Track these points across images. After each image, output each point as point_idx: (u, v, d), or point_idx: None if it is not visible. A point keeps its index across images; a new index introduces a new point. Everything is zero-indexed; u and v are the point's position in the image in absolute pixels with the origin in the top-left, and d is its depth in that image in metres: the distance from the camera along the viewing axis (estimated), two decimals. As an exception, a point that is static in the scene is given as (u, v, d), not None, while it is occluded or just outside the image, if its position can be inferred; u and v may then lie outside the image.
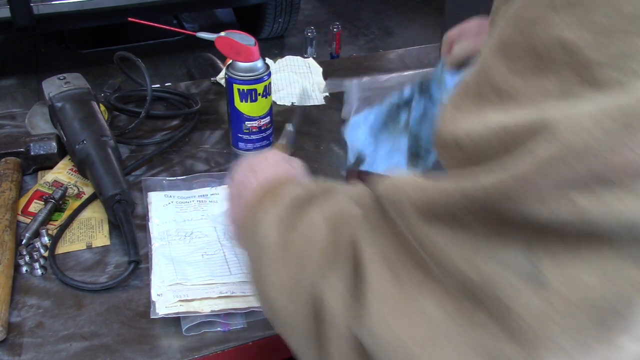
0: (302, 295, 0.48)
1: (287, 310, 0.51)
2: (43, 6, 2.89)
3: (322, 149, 1.16)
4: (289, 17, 3.84)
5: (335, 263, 0.47)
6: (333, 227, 0.50)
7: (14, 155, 1.04)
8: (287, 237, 0.52)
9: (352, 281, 0.45)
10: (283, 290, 0.51)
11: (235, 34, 1.06)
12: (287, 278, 0.51)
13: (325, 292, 0.46)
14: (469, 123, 0.39)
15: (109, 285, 0.83)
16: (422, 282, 0.41)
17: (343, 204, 0.52)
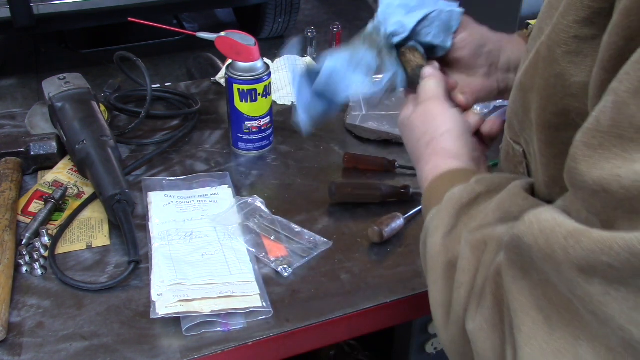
0: (455, 320, 0.53)
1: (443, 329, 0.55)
2: (43, 6, 2.89)
3: (322, 149, 1.16)
4: (289, 17, 3.84)
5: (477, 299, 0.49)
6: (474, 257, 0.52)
7: (14, 155, 1.04)
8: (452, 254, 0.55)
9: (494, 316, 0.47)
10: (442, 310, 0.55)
11: (235, 34, 1.06)
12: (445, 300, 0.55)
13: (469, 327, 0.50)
14: (616, 168, 0.38)
15: (109, 285, 0.83)
16: (577, 329, 0.41)
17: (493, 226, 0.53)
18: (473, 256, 0.52)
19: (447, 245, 0.56)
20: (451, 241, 0.56)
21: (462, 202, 0.58)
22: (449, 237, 0.56)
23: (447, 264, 0.55)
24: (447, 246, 0.56)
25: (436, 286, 0.56)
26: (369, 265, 0.89)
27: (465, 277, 0.52)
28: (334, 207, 1.00)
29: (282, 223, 0.95)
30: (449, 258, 0.55)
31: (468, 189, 0.59)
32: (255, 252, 0.89)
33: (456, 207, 0.58)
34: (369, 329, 0.86)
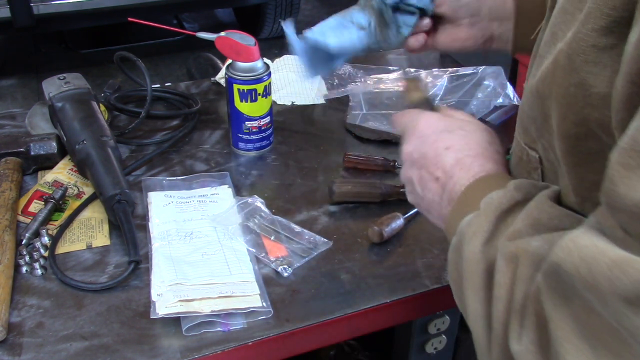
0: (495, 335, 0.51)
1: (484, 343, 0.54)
2: (43, 6, 2.89)
3: (322, 149, 1.16)
4: (289, 17, 3.84)
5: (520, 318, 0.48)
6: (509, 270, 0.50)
7: (14, 155, 1.04)
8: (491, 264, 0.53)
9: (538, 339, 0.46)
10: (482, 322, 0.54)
11: (235, 34, 1.06)
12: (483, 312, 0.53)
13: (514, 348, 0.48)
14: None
15: (109, 285, 0.83)
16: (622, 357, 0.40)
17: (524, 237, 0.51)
18: (508, 269, 0.50)
19: (486, 253, 0.54)
20: (490, 249, 0.54)
21: (501, 209, 0.56)
22: (488, 244, 0.54)
23: (487, 274, 0.53)
24: (486, 254, 0.54)
25: (477, 296, 0.54)
26: (369, 265, 0.89)
27: (501, 291, 0.50)
28: (334, 207, 1.00)
29: (282, 223, 0.95)
30: (489, 267, 0.54)
31: (507, 196, 0.56)
32: (255, 252, 0.89)
33: (496, 213, 0.55)
34: (369, 329, 0.86)
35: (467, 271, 0.56)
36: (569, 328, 0.43)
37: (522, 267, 0.49)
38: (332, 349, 1.26)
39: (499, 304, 0.50)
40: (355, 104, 1.26)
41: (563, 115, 0.51)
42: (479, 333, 0.54)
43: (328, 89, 1.34)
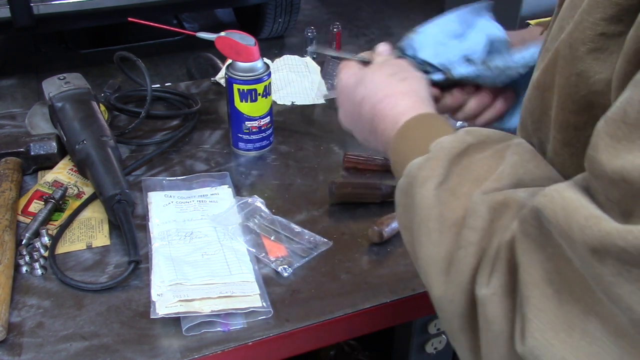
0: (460, 281, 0.50)
1: (442, 286, 0.53)
2: (43, 6, 2.89)
3: (322, 149, 1.16)
4: (289, 17, 3.84)
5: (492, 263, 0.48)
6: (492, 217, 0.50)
7: (14, 155, 1.04)
8: (445, 206, 0.53)
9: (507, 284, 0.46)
10: (441, 267, 0.52)
11: (235, 34, 1.06)
12: (444, 256, 0.52)
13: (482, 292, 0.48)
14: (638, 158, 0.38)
15: (109, 285, 0.83)
16: (588, 306, 0.41)
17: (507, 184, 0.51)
18: (489, 217, 0.50)
19: (440, 196, 0.54)
20: (445, 193, 0.54)
21: (453, 153, 0.55)
22: (442, 188, 0.54)
23: (442, 217, 0.53)
24: (440, 198, 0.54)
25: (430, 239, 0.54)
26: (369, 265, 0.89)
27: (475, 237, 0.50)
28: (334, 207, 1.00)
29: (282, 223, 0.95)
30: (442, 211, 0.53)
31: (459, 139, 0.56)
32: (255, 252, 0.89)
33: (447, 157, 0.55)
34: (369, 329, 0.86)
35: (419, 215, 0.55)
36: (537, 273, 0.44)
37: (507, 216, 0.49)
38: (332, 349, 1.26)
39: (469, 248, 0.50)
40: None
41: (562, 105, 0.51)
42: (433, 275, 0.54)
43: (328, 89, 1.34)
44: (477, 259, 0.49)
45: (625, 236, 0.37)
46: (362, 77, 0.73)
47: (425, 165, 0.56)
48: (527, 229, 0.45)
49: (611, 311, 0.40)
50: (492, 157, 0.54)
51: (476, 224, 0.50)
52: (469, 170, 0.54)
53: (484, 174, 0.53)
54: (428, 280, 0.55)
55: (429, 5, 4.57)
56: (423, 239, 0.55)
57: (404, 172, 0.59)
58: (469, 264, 0.50)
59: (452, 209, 0.52)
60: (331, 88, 1.35)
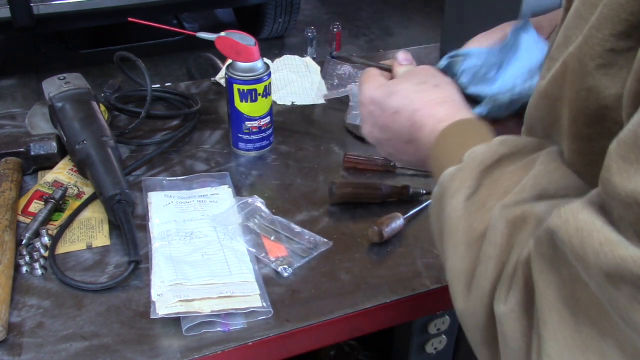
0: (481, 295, 0.51)
1: (463, 300, 0.53)
2: (43, 6, 2.90)
3: (322, 149, 1.16)
4: (289, 17, 3.84)
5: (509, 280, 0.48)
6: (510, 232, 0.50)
7: (14, 155, 1.04)
8: (473, 219, 0.53)
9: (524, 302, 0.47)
10: (465, 281, 0.53)
11: (235, 34, 1.06)
12: (468, 270, 0.53)
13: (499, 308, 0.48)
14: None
15: (109, 285, 0.83)
16: (604, 327, 0.41)
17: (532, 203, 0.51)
18: (507, 232, 0.50)
19: (469, 209, 0.54)
20: (473, 205, 0.54)
21: (485, 164, 0.55)
22: (471, 200, 0.54)
23: (469, 230, 0.53)
24: (469, 210, 0.54)
25: (456, 251, 0.54)
26: (369, 265, 0.89)
27: (494, 252, 0.50)
28: (334, 207, 1.00)
29: (282, 223, 0.95)
30: (470, 223, 0.54)
31: (491, 150, 0.56)
32: (255, 252, 0.89)
33: (479, 168, 0.55)
34: (369, 329, 0.86)
35: (448, 226, 0.56)
36: (553, 295, 0.44)
37: (525, 231, 0.49)
38: (332, 349, 1.26)
39: (489, 263, 0.50)
40: (355, 104, 1.26)
41: (574, 117, 0.51)
42: (457, 288, 0.54)
43: (328, 89, 1.34)
44: (497, 273, 0.50)
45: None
46: (392, 88, 0.72)
47: (456, 176, 0.57)
48: (542, 249, 0.45)
49: (627, 334, 0.40)
50: (522, 169, 0.54)
51: (495, 239, 0.50)
52: (498, 182, 0.54)
53: (511, 186, 0.53)
54: (452, 291, 0.56)
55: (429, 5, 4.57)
56: (450, 250, 0.56)
57: (438, 181, 0.59)
58: (489, 278, 0.50)
59: (479, 222, 0.53)
60: (331, 88, 1.35)
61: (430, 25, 4.26)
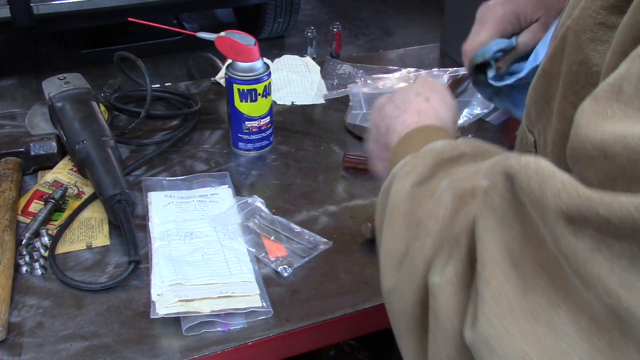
0: (411, 273, 0.46)
1: (392, 279, 0.50)
2: (43, 6, 2.90)
3: (322, 149, 1.16)
4: (289, 17, 3.84)
5: (450, 249, 0.43)
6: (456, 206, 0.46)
7: (14, 155, 1.04)
8: (418, 205, 0.50)
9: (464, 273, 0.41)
10: (394, 259, 0.50)
11: (235, 34, 1.06)
12: (401, 249, 0.49)
13: (434, 279, 0.43)
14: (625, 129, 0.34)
15: (109, 285, 0.83)
16: (556, 294, 0.36)
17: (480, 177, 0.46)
18: (452, 206, 0.46)
19: (415, 195, 0.50)
20: (421, 193, 0.50)
21: (443, 156, 0.52)
22: (420, 187, 0.51)
23: (410, 215, 0.49)
24: (415, 196, 0.50)
25: (392, 232, 0.50)
26: (369, 265, 0.89)
27: (435, 227, 0.45)
28: (333, 207, 1.00)
29: (282, 223, 0.95)
30: (413, 209, 0.49)
31: (452, 145, 0.54)
32: (255, 252, 0.89)
33: (435, 159, 0.52)
34: (369, 329, 0.86)
35: (389, 209, 0.52)
36: (499, 253, 0.38)
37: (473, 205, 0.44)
38: (332, 349, 1.26)
39: (427, 239, 0.45)
40: (355, 104, 1.26)
41: (564, 94, 0.50)
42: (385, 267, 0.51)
43: (328, 89, 1.34)
44: (434, 251, 0.45)
45: (610, 204, 0.32)
46: (392, 96, 0.73)
47: (408, 163, 0.54)
48: (494, 202, 0.40)
49: (584, 300, 0.35)
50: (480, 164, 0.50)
51: (437, 212, 0.46)
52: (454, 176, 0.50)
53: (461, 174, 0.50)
54: (382, 272, 0.52)
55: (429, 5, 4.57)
56: (385, 232, 0.52)
57: (390, 174, 0.57)
58: (424, 255, 0.45)
59: (423, 209, 0.49)
60: (331, 88, 1.35)
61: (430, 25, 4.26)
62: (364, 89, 1.29)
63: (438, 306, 0.42)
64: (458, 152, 0.53)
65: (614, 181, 0.34)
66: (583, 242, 0.34)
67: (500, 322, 0.37)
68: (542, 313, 0.36)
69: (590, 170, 0.36)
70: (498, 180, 0.40)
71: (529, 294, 0.37)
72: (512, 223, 0.38)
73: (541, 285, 0.36)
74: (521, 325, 0.36)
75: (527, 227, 0.38)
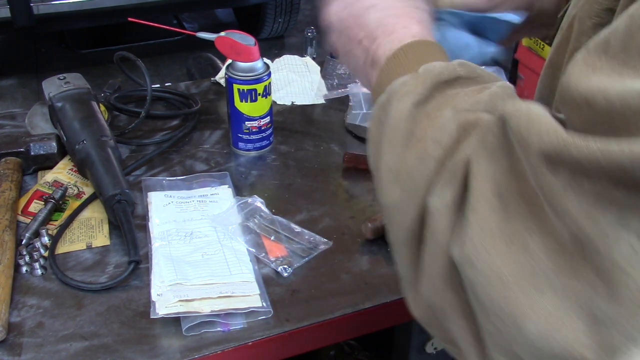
0: (413, 191, 0.50)
1: (394, 195, 0.52)
2: (43, 6, 2.90)
3: (322, 149, 1.16)
4: (289, 17, 3.84)
5: (449, 176, 0.47)
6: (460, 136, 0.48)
7: (14, 155, 1.04)
8: (417, 125, 0.52)
9: (459, 199, 0.45)
10: (396, 176, 0.52)
11: (235, 34, 1.06)
12: (402, 167, 0.51)
13: (433, 201, 0.47)
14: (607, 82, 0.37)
15: (109, 285, 0.83)
16: (532, 222, 0.41)
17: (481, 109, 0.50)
18: (457, 135, 0.48)
19: (415, 115, 0.52)
20: (420, 113, 0.52)
21: (440, 78, 0.53)
22: (419, 107, 0.52)
23: (411, 133, 0.51)
24: (414, 116, 0.52)
25: (392, 149, 0.53)
26: (369, 265, 0.89)
27: (437, 152, 0.49)
28: (333, 207, 1.00)
29: (282, 223, 0.95)
30: (413, 128, 0.51)
31: (449, 68, 0.54)
32: (255, 252, 0.89)
33: (434, 80, 0.53)
34: (369, 329, 0.86)
35: (389, 127, 0.53)
36: (487, 185, 0.43)
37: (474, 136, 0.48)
38: (332, 349, 1.26)
39: (429, 161, 0.49)
40: (355, 104, 1.26)
41: None
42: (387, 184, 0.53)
43: (328, 89, 1.34)
44: (435, 173, 0.48)
45: (582, 147, 0.37)
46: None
47: (408, 82, 0.55)
48: (487, 139, 0.44)
49: (555, 228, 0.39)
50: (477, 92, 0.53)
51: (442, 138, 0.49)
52: (451, 99, 0.52)
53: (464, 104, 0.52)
54: (381, 188, 0.54)
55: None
56: (386, 148, 0.54)
57: (387, 89, 0.57)
58: (425, 176, 0.49)
59: (423, 128, 0.51)
60: (331, 88, 1.35)
61: (430, 25, 4.26)
62: (364, 89, 1.29)
63: (435, 225, 0.47)
64: (455, 75, 0.54)
65: (594, 127, 0.38)
66: (558, 178, 0.38)
67: (482, 243, 0.42)
68: (519, 237, 0.41)
69: (574, 115, 0.40)
70: (493, 120, 0.45)
71: (509, 221, 0.42)
72: (501, 159, 0.43)
73: (520, 213, 0.41)
74: (499, 246, 0.41)
75: (514, 163, 0.42)
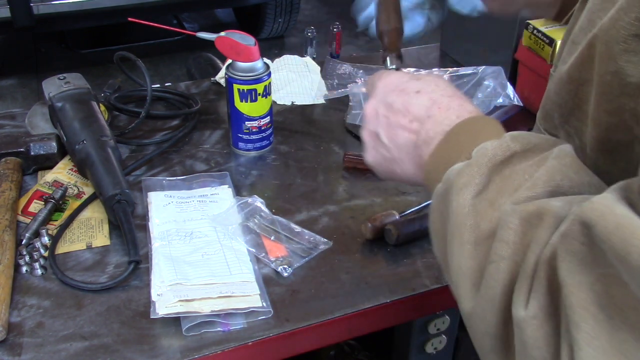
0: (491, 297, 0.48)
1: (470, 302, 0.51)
2: (43, 6, 2.90)
3: (322, 149, 1.16)
4: (289, 17, 3.84)
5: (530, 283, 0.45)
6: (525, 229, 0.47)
7: (14, 155, 1.04)
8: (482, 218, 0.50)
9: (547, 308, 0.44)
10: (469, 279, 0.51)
11: (235, 34, 1.06)
12: (475, 268, 0.50)
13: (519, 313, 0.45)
14: None
15: (109, 285, 0.83)
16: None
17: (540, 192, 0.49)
18: (521, 229, 0.47)
19: (477, 206, 0.51)
20: (482, 203, 0.51)
21: (495, 160, 0.52)
22: (479, 197, 0.51)
23: (477, 229, 0.51)
24: (477, 208, 0.51)
25: (463, 250, 0.51)
26: (369, 265, 0.89)
27: (507, 251, 0.47)
28: (333, 207, 1.00)
29: (282, 223, 0.95)
30: (478, 222, 0.51)
31: (503, 146, 0.53)
32: (255, 252, 0.89)
33: (489, 165, 0.52)
34: (369, 329, 0.86)
35: (454, 224, 0.53)
36: (586, 296, 0.41)
37: (542, 229, 0.46)
38: (332, 349, 1.26)
39: (501, 263, 0.47)
40: (355, 104, 1.26)
41: (598, 102, 0.50)
42: (463, 289, 0.52)
43: (328, 89, 1.34)
44: (511, 275, 0.47)
45: None
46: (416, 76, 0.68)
47: (464, 172, 0.54)
48: (573, 246, 0.42)
49: None
50: (535, 166, 0.51)
51: (507, 237, 0.47)
52: (509, 180, 0.51)
53: (523, 183, 0.50)
54: (458, 292, 0.53)
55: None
56: (455, 249, 0.53)
57: (443, 178, 0.56)
58: (501, 280, 0.47)
59: (488, 220, 0.50)
60: (331, 88, 1.35)
61: (430, 25, 4.26)
62: (364, 89, 1.29)
63: (526, 339, 0.45)
64: (509, 153, 0.53)
65: None
66: None
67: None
68: (633, 351, 0.39)
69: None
70: (575, 226, 0.42)
71: (619, 334, 0.39)
72: (594, 267, 0.41)
73: (628, 324, 0.39)
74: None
75: (607, 269, 0.40)
